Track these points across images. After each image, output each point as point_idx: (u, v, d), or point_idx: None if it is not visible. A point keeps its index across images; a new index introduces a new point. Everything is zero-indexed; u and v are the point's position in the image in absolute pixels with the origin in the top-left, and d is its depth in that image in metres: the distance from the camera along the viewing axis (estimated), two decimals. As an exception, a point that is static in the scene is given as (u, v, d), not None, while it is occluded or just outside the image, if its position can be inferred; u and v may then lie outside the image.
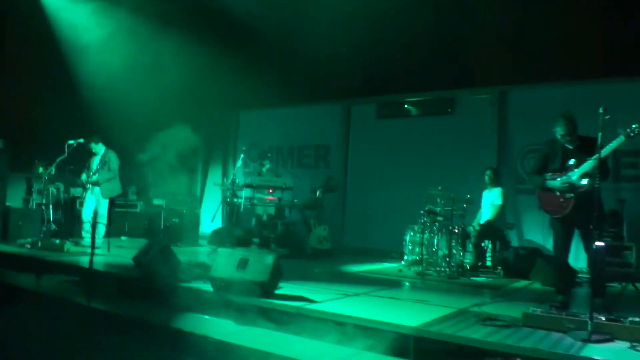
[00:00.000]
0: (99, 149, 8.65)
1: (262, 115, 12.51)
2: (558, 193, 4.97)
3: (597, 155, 4.35)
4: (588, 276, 6.99)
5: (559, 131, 5.01)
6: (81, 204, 8.71)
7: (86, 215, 8.50)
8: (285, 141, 11.99)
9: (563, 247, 5.09)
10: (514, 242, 8.56)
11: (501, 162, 9.29)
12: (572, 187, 4.87)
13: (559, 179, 4.97)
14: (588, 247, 4.89)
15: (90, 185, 8.51)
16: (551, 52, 8.70)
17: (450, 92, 10.15)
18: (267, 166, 9.78)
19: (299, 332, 4.47)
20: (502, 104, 9.60)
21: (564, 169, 4.99)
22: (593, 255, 4.65)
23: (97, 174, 8.47)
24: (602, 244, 4.51)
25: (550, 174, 5.08)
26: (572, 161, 4.97)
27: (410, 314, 4.54)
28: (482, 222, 7.91)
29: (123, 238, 10.51)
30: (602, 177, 4.68)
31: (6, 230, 8.84)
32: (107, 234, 8.56)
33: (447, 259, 7.28)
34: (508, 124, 9.51)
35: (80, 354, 4.38)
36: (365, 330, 4.22)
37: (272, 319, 4.69)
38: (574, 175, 4.89)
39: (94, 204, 8.50)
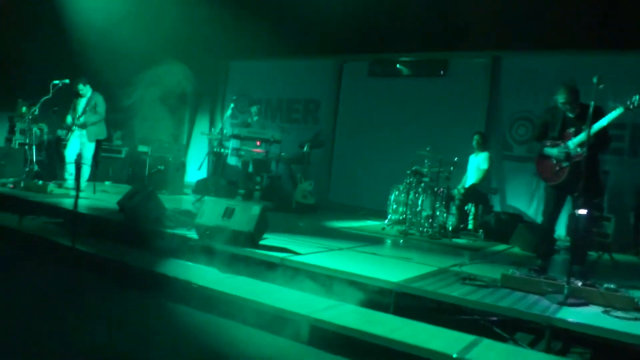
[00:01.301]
0: (86, 91, 8.47)
1: (252, 66, 12.32)
2: (555, 161, 5.02)
3: (587, 125, 4.36)
4: (567, 243, 7.18)
5: (560, 99, 5.01)
6: (65, 146, 8.58)
7: (70, 157, 8.39)
8: (275, 94, 11.86)
9: (552, 213, 5.17)
10: (497, 207, 8.69)
11: (490, 127, 9.31)
12: (569, 155, 4.92)
13: (556, 147, 5.01)
14: (575, 215, 4.98)
15: (76, 128, 8.37)
16: (548, 20, 8.58)
17: (443, 54, 10.06)
18: (255, 117, 9.68)
19: (282, 283, 4.54)
20: (495, 69, 9.56)
21: (563, 137, 5.02)
22: (575, 223, 4.73)
23: (83, 116, 8.32)
24: (584, 211, 4.57)
25: (549, 141, 5.11)
26: (571, 129, 4.99)
27: (392, 270, 4.61)
28: (467, 185, 7.99)
29: (107, 183, 10.44)
30: (602, 147, 4.73)
31: (-12, 169, 8.73)
32: (91, 178, 8.48)
33: (430, 220, 7.37)
34: (500, 89, 9.49)
35: (64, 295, 4.41)
36: (347, 283, 4.29)
37: (256, 268, 4.74)
38: (572, 144, 4.92)
39: (78, 146, 8.39)
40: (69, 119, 8.46)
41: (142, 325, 3.92)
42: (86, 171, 8.38)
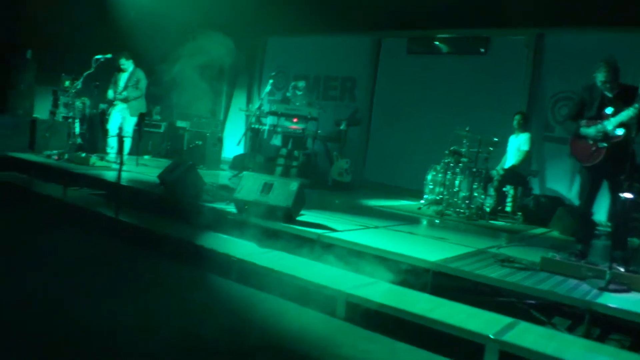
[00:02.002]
0: (128, 65, 8.61)
1: (290, 43, 12.26)
2: (591, 141, 4.85)
3: (637, 105, 4.22)
4: (607, 229, 7.01)
5: (599, 77, 4.81)
6: (107, 120, 8.77)
7: (112, 131, 8.59)
8: (312, 71, 11.80)
9: (589, 196, 5.02)
10: (536, 190, 8.51)
11: (531, 107, 9.08)
12: (606, 136, 4.74)
13: (593, 127, 4.84)
14: (615, 198, 4.84)
15: (118, 102, 8.54)
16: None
17: (485, 31, 9.80)
18: (300, 92, 9.62)
19: (318, 259, 4.58)
20: (537, 47, 9.27)
21: (600, 117, 4.84)
22: (620, 206, 4.61)
23: (125, 91, 8.48)
24: (630, 195, 4.43)
25: (585, 121, 4.95)
26: (609, 110, 4.80)
27: (428, 249, 4.61)
28: (506, 166, 7.84)
29: (146, 157, 10.65)
30: None
31: (33, 141, 8.99)
32: (133, 151, 8.67)
33: (467, 201, 7.28)
34: (542, 68, 9.21)
35: (108, 263, 4.56)
36: (383, 261, 4.30)
37: (292, 243, 4.80)
38: (610, 124, 4.75)
39: (119, 120, 8.57)
40: (110, 93, 8.63)
41: (180, 293, 4.04)
42: (127, 145, 8.58)
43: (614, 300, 3.53)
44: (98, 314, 3.36)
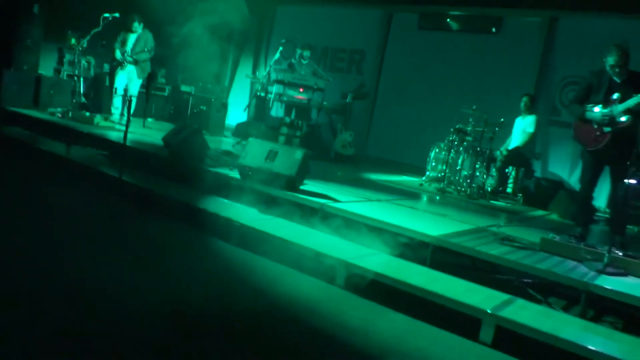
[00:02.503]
0: (139, 27, 8.51)
1: (299, 12, 12.13)
2: (596, 126, 4.84)
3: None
4: (606, 215, 7.05)
5: (610, 61, 4.77)
6: (110, 80, 8.71)
7: (117, 91, 8.54)
8: (320, 41, 11.68)
9: (590, 180, 5.04)
10: (538, 173, 8.53)
11: (539, 90, 9.04)
12: (612, 121, 4.73)
13: (599, 112, 4.83)
14: (616, 184, 4.86)
15: (126, 63, 8.47)
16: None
17: (498, 11, 9.70)
18: (305, 62, 9.53)
19: (320, 228, 4.61)
20: (550, 30, 9.19)
21: (607, 102, 4.83)
22: (621, 192, 4.63)
23: (134, 53, 8.40)
24: (634, 181, 4.45)
25: (591, 105, 4.93)
26: (616, 95, 4.78)
27: (429, 224, 4.64)
28: (510, 147, 7.84)
29: (149, 120, 10.60)
30: None
31: (37, 97, 8.92)
32: (141, 113, 8.62)
33: (469, 180, 7.30)
34: (553, 52, 9.15)
35: (111, 222, 4.59)
36: (385, 233, 4.33)
37: (295, 212, 4.82)
38: (616, 109, 4.74)
39: (125, 81, 8.52)
40: (117, 53, 8.55)
41: (182, 253, 4.08)
42: (132, 106, 8.53)
43: (611, 283, 3.57)
44: (91, 270, 3.37)
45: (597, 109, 4.84)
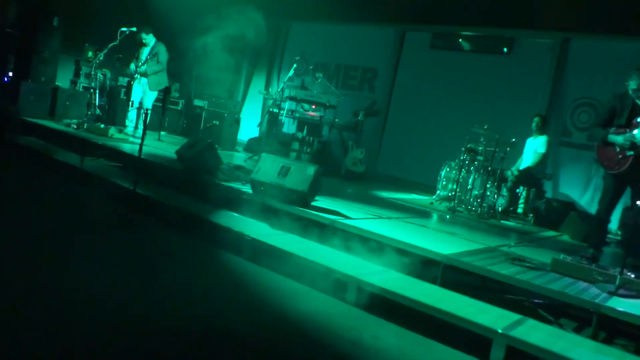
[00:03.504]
0: (150, 40, 8.66)
1: (313, 29, 12.24)
2: (618, 149, 4.87)
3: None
4: (617, 237, 7.02)
5: (632, 85, 4.82)
6: (126, 94, 8.84)
7: (132, 104, 8.66)
8: (333, 59, 11.78)
9: (609, 201, 5.04)
10: (549, 193, 8.50)
11: (551, 110, 9.04)
12: (634, 145, 4.76)
13: (622, 135, 4.86)
14: (634, 205, 4.87)
15: (138, 76, 8.60)
16: (622, 3, 8.19)
17: (510, 31, 9.75)
18: (320, 80, 9.63)
19: (331, 244, 4.63)
20: (562, 51, 9.21)
21: (630, 125, 4.86)
22: (637, 214, 4.62)
23: (145, 65, 8.53)
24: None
25: (614, 128, 4.96)
26: (639, 119, 4.82)
27: (440, 243, 4.64)
28: (521, 168, 7.84)
29: (162, 133, 10.70)
30: None
31: (54, 108, 9.06)
32: (153, 127, 8.70)
33: (480, 199, 7.30)
34: (565, 73, 9.16)
35: (125, 232, 4.64)
36: (395, 251, 4.34)
37: (306, 227, 4.84)
38: (639, 133, 4.76)
39: (140, 94, 8.63)
40: (132, 66, 8.69)
41: (193, 266, 4.11)
42: (147, 119, 8.63)
43: (624, 305, 3.55)
44: (99, 278, 3.41)
45: (620, 132, 4.87)
